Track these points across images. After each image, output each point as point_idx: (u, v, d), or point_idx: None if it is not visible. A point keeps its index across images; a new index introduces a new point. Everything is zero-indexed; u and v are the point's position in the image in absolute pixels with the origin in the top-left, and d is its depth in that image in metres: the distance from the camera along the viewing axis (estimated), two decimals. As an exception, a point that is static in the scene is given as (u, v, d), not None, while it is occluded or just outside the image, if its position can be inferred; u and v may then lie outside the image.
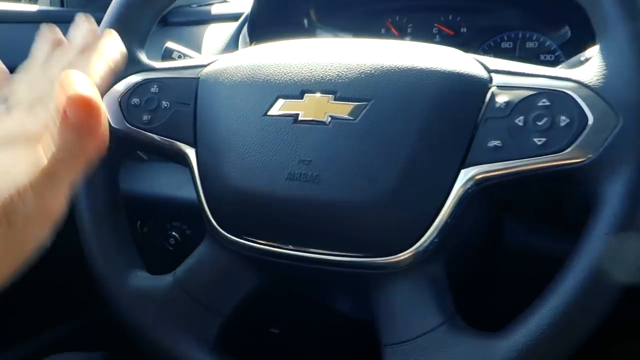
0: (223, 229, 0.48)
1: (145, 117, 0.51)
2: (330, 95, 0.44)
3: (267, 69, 0.47)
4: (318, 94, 0.45)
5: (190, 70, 0.52)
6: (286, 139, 0.44)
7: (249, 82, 0.47)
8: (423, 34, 0.78)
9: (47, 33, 0.42)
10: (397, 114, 0.42)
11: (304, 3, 0.81)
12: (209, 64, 0.52)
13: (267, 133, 0.45)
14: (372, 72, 0.44)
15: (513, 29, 0.73)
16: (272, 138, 0.45)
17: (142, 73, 0.53)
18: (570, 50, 0.68)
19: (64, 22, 0.80)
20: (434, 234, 0.41)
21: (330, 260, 0.44)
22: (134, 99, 0.52)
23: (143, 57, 0.54)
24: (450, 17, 0.77)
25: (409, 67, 0.43)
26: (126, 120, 0.52)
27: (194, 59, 0.53)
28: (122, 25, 0.52)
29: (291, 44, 0.50)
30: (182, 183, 0.66)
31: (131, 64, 0.52)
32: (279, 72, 0.47)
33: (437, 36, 0.77)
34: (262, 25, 0.78)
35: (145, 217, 0.76)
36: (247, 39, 0.77)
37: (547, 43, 0.71)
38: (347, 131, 0.43)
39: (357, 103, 0.43)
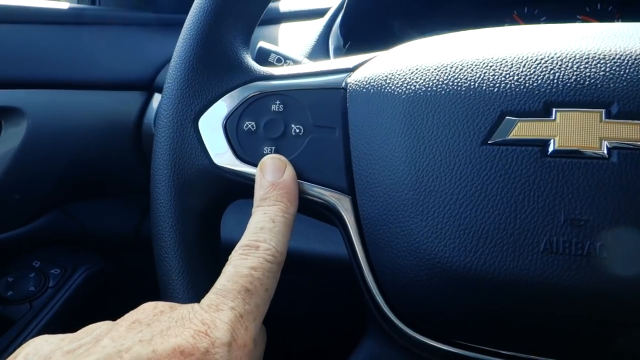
0: (408, 327, 0.30)
1: (265, 149, 0.33)
2: (602, 110, 0.27)
3: (471, 70, 0.30)
4: (579, 109, 0.27)
5: (329, 77, 0.34)
6: (532, 183, 0.27)
7: (444, 91, 0.30)
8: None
9: None
10: None
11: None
12: (357, 66, 0.34)
13: (493, 174, 0.28)
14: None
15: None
16: (504, 182, 0.27)
17: (255, 83, 0.35)
18: None
19: (96, 23, 0.64)
20: None
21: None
22: (247, 122, 0.34)
23: (250, 59, 0.36)
24: (598, 6, 0.60)
25: None
26: (236, 155, 0.34)
27: (329, 61, 0.36)
28: (223, 7, 0.34)
29: (486, 32, 0.33)
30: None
31: (236, 71, 0.35)
32: (495, 75, 0.29)
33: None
34: (357, 21, 0.61)
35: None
36: (340, 39, 0.60)
37: None
38: (646, 169, 0.26)
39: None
